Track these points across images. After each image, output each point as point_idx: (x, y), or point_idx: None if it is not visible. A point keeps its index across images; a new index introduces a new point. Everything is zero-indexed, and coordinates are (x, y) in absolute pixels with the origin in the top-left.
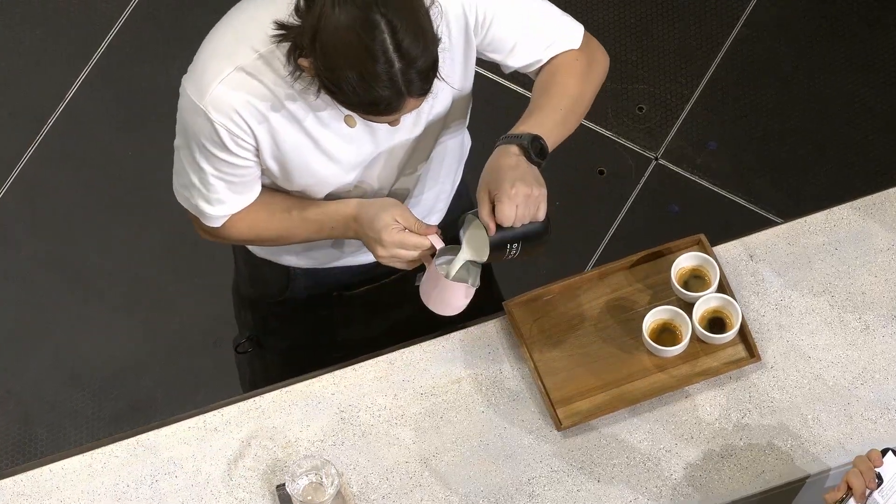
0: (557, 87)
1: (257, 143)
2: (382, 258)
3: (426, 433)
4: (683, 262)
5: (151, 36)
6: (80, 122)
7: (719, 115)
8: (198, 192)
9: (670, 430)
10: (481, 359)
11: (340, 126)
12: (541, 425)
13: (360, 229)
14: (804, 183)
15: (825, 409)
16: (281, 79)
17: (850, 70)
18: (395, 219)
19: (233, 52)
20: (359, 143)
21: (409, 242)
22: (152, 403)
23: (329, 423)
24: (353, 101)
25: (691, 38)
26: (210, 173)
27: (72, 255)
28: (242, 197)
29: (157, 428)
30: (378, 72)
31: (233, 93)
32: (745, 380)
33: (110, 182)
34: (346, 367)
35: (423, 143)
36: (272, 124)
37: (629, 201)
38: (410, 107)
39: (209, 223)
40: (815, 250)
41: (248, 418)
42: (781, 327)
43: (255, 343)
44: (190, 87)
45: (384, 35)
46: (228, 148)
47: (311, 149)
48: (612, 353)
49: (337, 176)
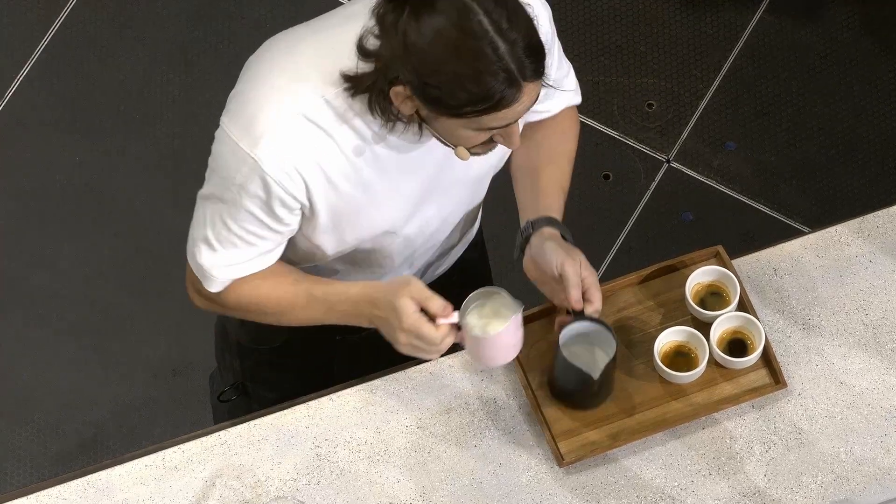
0: (567, 157)
1: (312, 204)
2: (403, 347)
3: (412, 471)
4: (699, 278)
5: (100, 27)
6: (20, 125)
7: (738, 111)
8: (208, 248)
9: (685, 465)
10: (473, 386)
11: (401, 164)
12: (541, 461)
13: (378, 313)
14: (834, 187)
15: (860, 441)
16: (347, 124)
17: (886, 60)
18: (410, 298)
19: (294, 94)
20: (420, 178)
21: (425, 335)
22: (104, 439)
23: (303, 460)
24: (467, 100)
25: (707, 25)
26: (235, 232)
27: (11, 273)
28: (256, 262)
29: (110, 467)
30: (485, 53)
31: (295, 145)
32: (770, 409)
33: (55, 191)
34: (321, 397)
35: (480, 178)
36: (330, 178)
37: (638, 209)
38: (527, 98)
39: (209, 286)
40: (847, 263)
41: (213, 455)
42: (810, 350)
43: (240, 391)
44: (236, 131)
45: (480, 16)
46: (272, 209)
47: (366, 197)
48: (621, 380)
49: (379, 223)
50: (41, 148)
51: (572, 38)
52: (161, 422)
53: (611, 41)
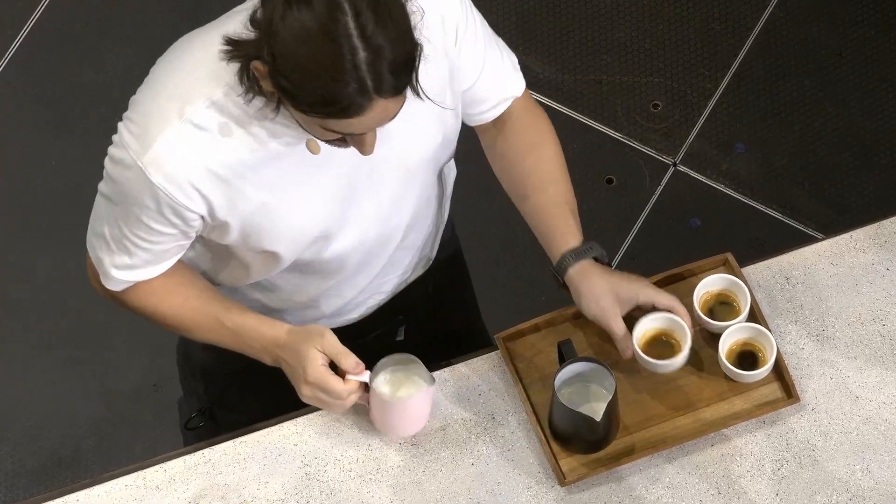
0: (557, 166)
1: (210, 209)
2: (306, 398)
3: (405, 490)
4: (708, 287)
5: (79, 24)
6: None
7: (748, 112)
8: (106, 247)
9: (693, 484)
10: (470, 401)
11: (305, 162)
12: (541, 479)
13: (285, 357)
14: (849, 191)
15: (877, 459)
16: (237, 124)
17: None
18: (319, 349)
19: (181, 100)
20: (338, 173)
21: (332, 389)
22: (82, 457)
23: (291, 480)
24: (313, 99)
25: (714, 21)
26: (129, 238)
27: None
28: (156, 267)
29: (88, 486)
30: (341, 56)
31: (183, 153)
32: (782, 424)
33: (31, 196)
34: (310, 413)
35: (420, 167)
36: (230, 183)
37: (642, 215)
38: (380, 113)
39: (108, 285)
40: (863, 271)
41: (196, 474)
42: (824, 362)
43: (207, 417)
44: (128, 137)
45: (346, 18)
46: (165, 216)
47: (276, 201)
48: (624, 394)
49: (305, 228)
50: (15, 150)
51: (573, 34)
52: (142, 439)
53: (614, 38)
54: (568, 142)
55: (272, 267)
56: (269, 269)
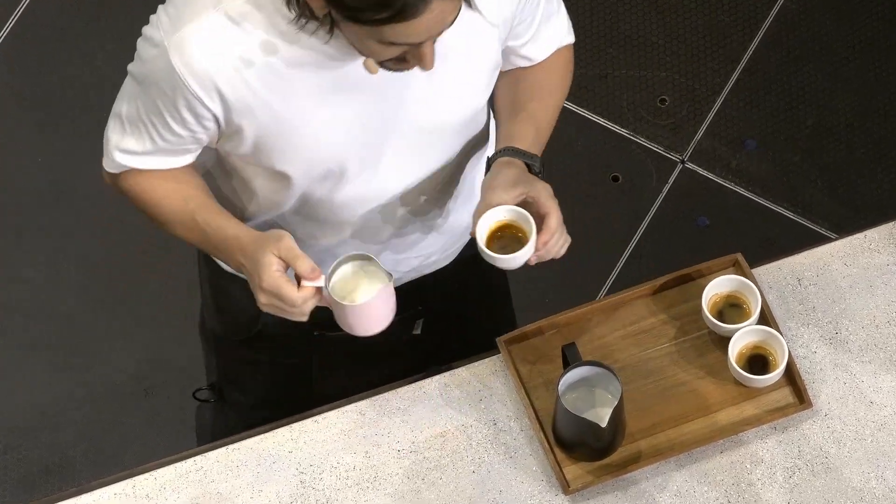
0: (555, 99)
1: (226, 109)
2: (264, 306)
3: (405, 499)
4: (717, 288)
5: (64, 19)
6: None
7: (759, 107)
8: (119, 126)
9: (702, 492)
10: (471, 406)
11: (336, 86)
12: (544, 487)
13: (244, 263)
14: (863, 190)
15: (892, 466)
16: (273, 25)
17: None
18: (276, 254)
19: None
20: (363, 106)
21: (285, 296)
22: (70, 464)
23: (286, 488)
24: (366, 3)
25: (724, 14)
26: (142, 118)
27: None
28: (155, 159)
29: (77, 494)
30: None
31: (210, 43)
32: (794, 430)
33: (19, 195)
34: (306, 419)
35: (444, 134)
36: (251, 85)
37: (649, 214)
38: (437, 16)
39: (105, 164)
40: (877, 272)
41: (188, 482)
42: (837, 366)
43: (216, 393)
44: (163, 17)
45: None
46: (178, 109)
47: (297, 117)
48: (630, 399)
49: (321, 153)
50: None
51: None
52: (132, 446)
53: (620, 31)
54: (572, 138)
55: (282, 195)
56: (278, 196)
